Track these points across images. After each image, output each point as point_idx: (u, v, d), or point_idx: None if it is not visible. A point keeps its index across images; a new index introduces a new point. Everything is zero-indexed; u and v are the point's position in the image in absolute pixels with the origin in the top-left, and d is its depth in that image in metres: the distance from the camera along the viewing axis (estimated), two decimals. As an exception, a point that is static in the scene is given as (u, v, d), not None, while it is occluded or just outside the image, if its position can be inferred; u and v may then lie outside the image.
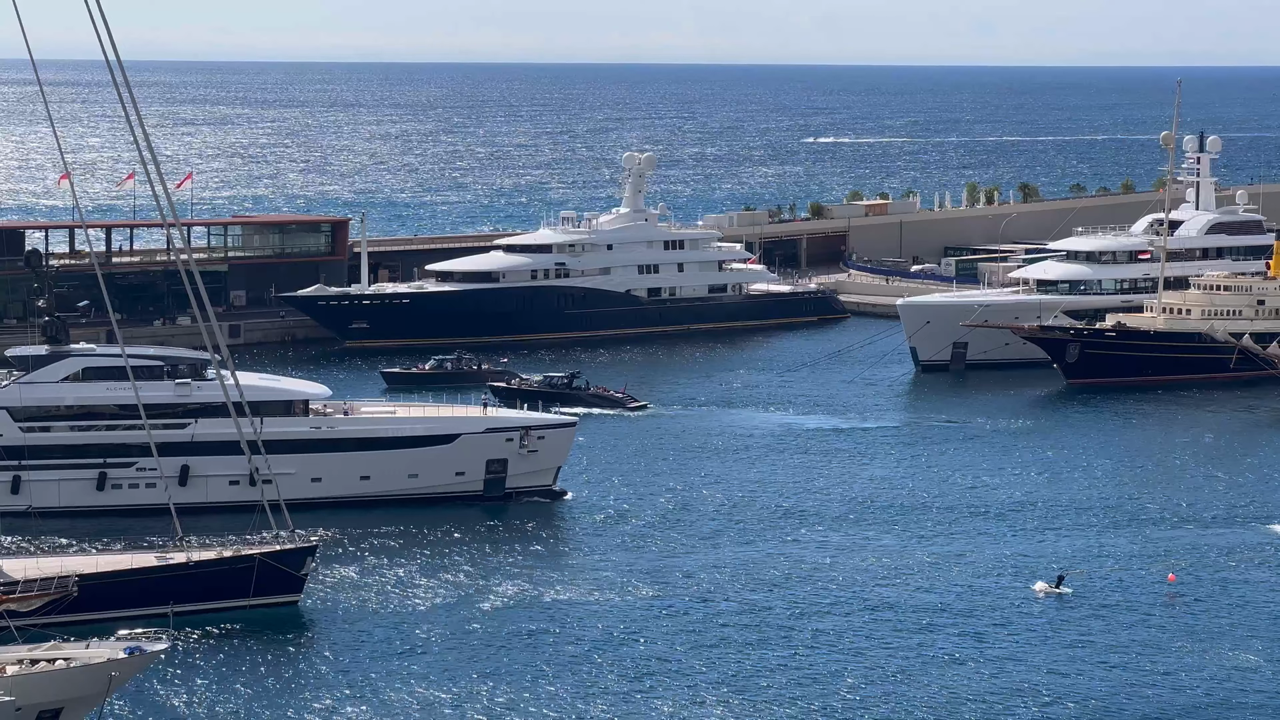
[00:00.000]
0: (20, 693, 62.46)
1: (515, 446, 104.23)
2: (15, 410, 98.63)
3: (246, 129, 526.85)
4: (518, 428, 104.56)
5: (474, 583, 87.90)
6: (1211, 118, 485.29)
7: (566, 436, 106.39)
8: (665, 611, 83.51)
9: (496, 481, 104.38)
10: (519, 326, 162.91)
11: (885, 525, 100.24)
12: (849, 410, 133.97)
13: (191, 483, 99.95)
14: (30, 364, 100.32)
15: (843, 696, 72.85)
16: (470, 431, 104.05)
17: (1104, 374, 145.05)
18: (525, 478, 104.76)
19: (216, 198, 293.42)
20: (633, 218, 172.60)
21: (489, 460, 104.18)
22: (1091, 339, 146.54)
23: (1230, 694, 73.88)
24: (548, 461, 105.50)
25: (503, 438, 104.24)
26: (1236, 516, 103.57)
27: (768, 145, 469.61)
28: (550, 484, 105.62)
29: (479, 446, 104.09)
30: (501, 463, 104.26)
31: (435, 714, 70.92)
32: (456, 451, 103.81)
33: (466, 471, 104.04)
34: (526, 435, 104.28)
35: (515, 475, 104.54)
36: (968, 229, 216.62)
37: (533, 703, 71.91)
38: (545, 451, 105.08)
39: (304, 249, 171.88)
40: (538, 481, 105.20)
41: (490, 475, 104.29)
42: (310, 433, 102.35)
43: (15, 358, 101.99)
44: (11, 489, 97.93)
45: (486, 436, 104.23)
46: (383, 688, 73.51)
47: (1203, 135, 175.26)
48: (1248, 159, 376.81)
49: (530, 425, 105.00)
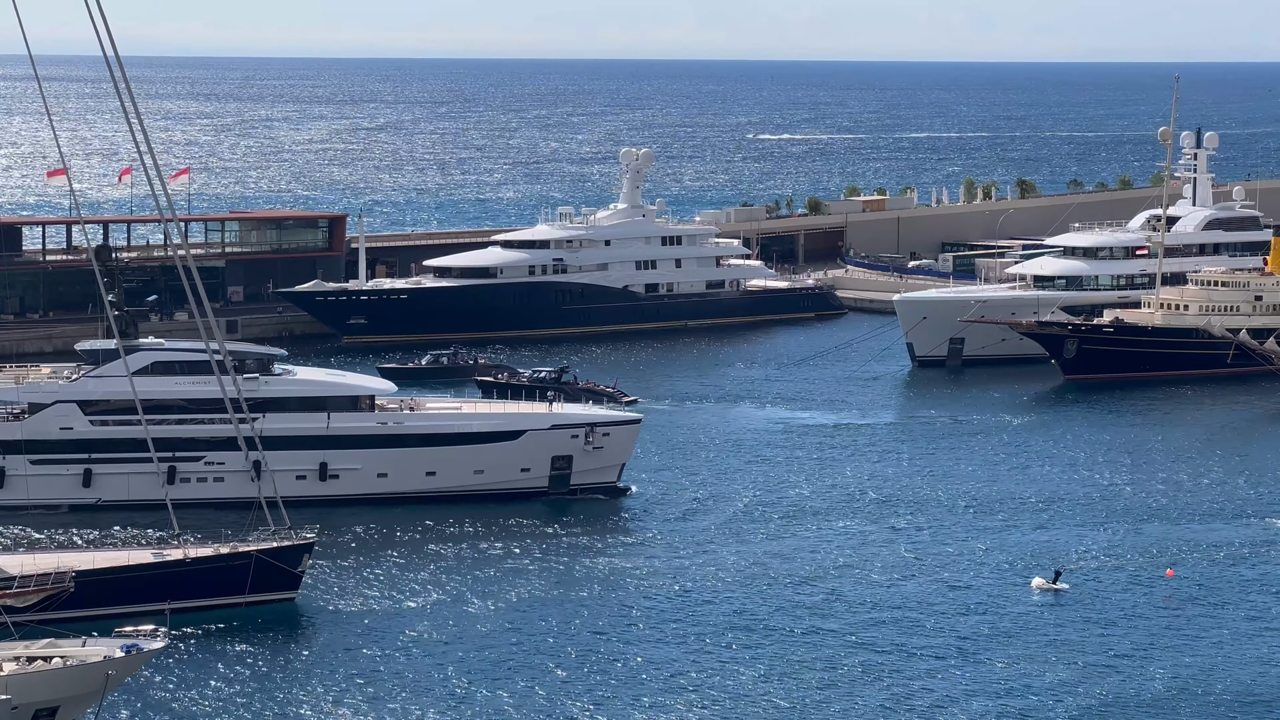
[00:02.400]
0: (17, 691, 62.39)
1: (580, 443, 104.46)
2: (85, 404, 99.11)
3: (244, 125, 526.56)
4: (583, 424, 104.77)
5: (473, 581, 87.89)
6: (1209, 114, 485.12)
7: (631, 433, 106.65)
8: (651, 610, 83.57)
9: (561, 478, 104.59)
10: (517, 322, 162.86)
11: (882, 521, 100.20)
12: (846, 406, 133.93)
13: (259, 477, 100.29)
14: (100, 358, 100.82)
15: (838, 692, 72.83)
16: (536, 428, 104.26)
17: (1101, 369, 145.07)
18: (590, 474, 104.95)
19: (214, 193, 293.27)
20: (630, 214, 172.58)
21: (554, 456, 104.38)
22: (1089, 334, 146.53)
23: (1229, 689, 73.89)
24: (612, 458, 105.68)
25: (568, 434, 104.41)
26: (1235, 511, 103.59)
27: (766, 143, 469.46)
28: (614, 480, 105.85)
29: (544, 443, 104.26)
30: (566, 459, 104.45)
31: (433, 712, 70.89)
32: (522, 448, 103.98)
33: (532, 468, 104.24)
34: (592, 432, 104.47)
35: (580, 472, 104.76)
36: (965, 225, 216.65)
37: (532, 699, 71.92)
38: (610, 448, 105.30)
39: (301, 244, 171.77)
40: (602, 478, 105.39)
41: (555, 471, 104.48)
42: (377, 428, 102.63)
43: (85, 352, 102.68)
44: (83, 482, 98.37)
45: (552, 433, 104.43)
46: (380, 685, 73.47)
47: (1200, 131, 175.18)
48: (1245, 155, 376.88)
49: (596, 422, 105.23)
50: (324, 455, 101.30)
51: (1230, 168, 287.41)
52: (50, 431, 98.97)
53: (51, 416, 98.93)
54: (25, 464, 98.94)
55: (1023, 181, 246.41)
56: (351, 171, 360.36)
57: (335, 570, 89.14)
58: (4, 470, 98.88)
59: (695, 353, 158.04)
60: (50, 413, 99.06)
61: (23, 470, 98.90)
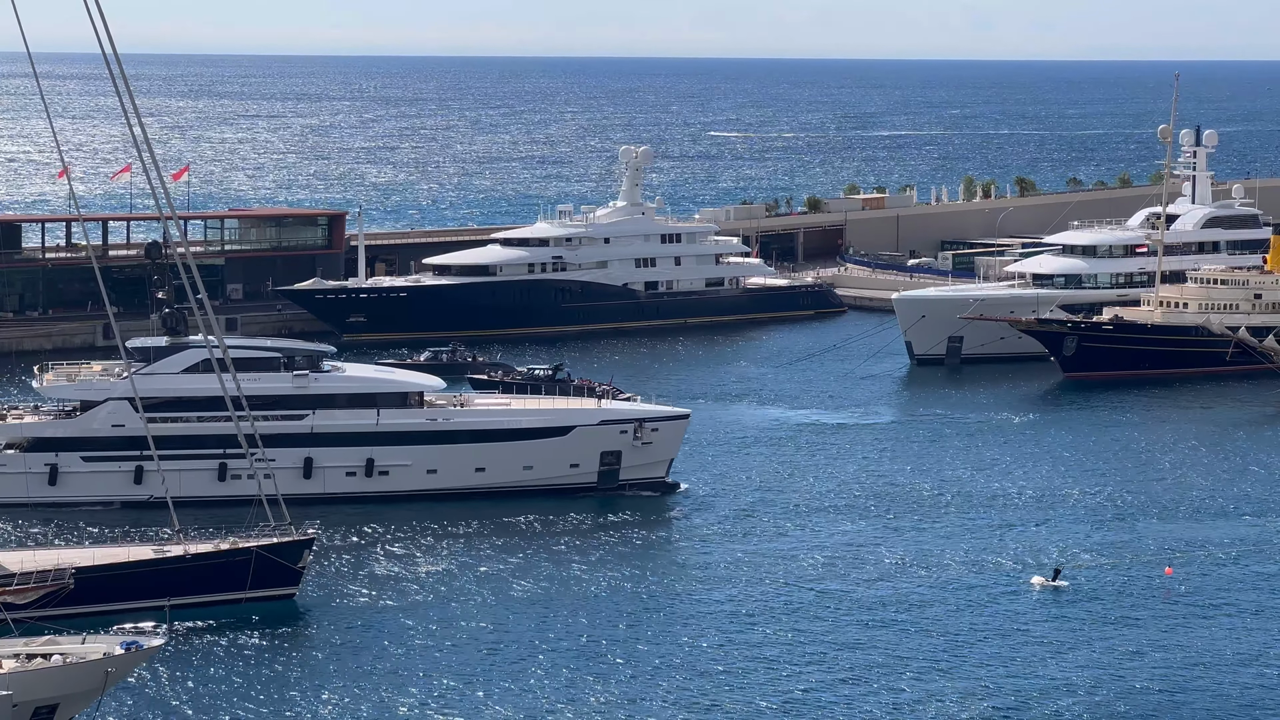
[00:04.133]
0: (17, 689, 62.38)
1: (629, 438, 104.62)
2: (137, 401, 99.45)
3: (243, 122, 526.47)
4: (632, 420, 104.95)
5: (475, 578, 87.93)
6: (1208, 112, 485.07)
7: (679, 429, 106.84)
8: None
9: (610, 473, 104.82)
10: (516, 320, 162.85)
11: (880, 519, 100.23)
12: (844, 404, 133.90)
13: (312, 474, 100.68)
14: (151, 355, 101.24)
15: (834, 688, 72.85)
16: (585, 424, 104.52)
17: (1101, 367, 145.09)
18: (638, 470, 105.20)
19: (213, 191, 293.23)
20: (629, 211, 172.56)
21: (603, 452, 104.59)
22: (1089, 332, 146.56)
23: (1229, 687, 73.91)
24: (660, 454, 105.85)
25: (617, 429, 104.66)
26: (1234, 509, 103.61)
27: (764, 140, 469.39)
28: (663, 476, 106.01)
29: (594, 438, 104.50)
30: (615, 455, 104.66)
31: (432, 709, 70.90)
32: (571, 443, 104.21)
33: (581, 463, 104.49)
34: (640, 427, 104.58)
35: (629, 467, 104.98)
36: (964, 223, 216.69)
37: (529, 696, 71.95)
38: (659, 444, 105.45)
39: (301, 242, 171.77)
40: (650, 474, 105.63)
41: (604, 467, 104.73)
42: (426, 425, 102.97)
43: (136, 349, 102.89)
44: (134, 479, 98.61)
45: (601, 429, 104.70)
46: (379, 682, 73.44)
47: (1199, 129, 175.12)
48: (1245, 154, 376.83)
49: (644, 418, 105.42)
50: (373, 451, 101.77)
51: (1229, 166, 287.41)
52: (102, 429, 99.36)
53: (103, 414, 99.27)
54: (77, 461, 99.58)
55: (1022, 180, 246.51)
56: (351, 169, 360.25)
57: (335, 567, 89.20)
58: (56, 468, 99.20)
59: (694, 351, 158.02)
60: (102, 410, 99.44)
61: (75, 468, 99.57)
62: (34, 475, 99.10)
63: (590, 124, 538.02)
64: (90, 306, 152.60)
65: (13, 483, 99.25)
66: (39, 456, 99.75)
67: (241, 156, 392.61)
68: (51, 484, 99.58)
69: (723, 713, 70.41)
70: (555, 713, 70.34)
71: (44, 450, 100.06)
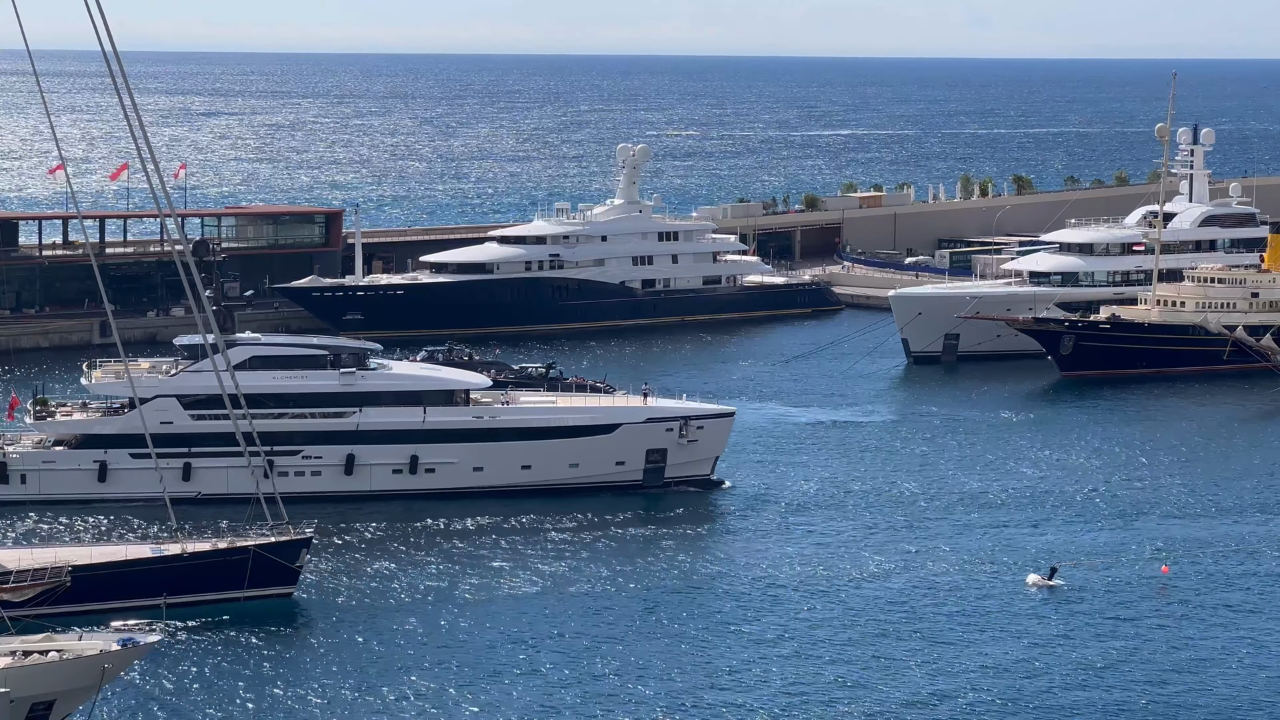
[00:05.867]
0: (13, 685, 62.41)
1: (675, 436, 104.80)
2: (185, 398, 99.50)
3: (241, 120, 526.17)
4: (678, 418, 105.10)
5: (474, 575, 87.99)
6: (1206, 110, 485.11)
7: (725, 426, 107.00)
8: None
9: (656, 471, 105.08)
10: (513, 318, 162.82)
11: (878, 516, 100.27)
12: (841, 402, 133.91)
13: (356, 471, 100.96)
14: (199, 353, 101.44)
15: (830, 685, 72.90)
16: (631, 421, 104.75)
17: (1098, 366, 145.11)
18: (684, 467, 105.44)
19: (211, 189, 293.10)
20: (627, 209, 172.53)
21: (649, 450, 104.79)
22: (1086, 331, 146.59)
23: (1223, 684, 73.98)
24: (706, 451, 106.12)
25: (663, 427, 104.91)
26: (1230, 508, 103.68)
27: (761, 137, 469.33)
28: (708, 474, 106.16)
29: (639, 436, 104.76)
30: (661, 452, 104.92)
31: (430, 707, 70.94)
32: (617, 441, 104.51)
33: (627, 461, 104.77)
34: (686, 425, 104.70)
35: (674, 465, 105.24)
36: (962, 221, 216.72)
37: (528, 694, 72.01)
38: (704, 441, 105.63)
39: (298, 240, 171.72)
40: (696, 471, 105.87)
41: (650, 465, 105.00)
42: (473, 422, 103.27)
43: (184, 346, 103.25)
44: (182, 476, 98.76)
45: (647, 426, 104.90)
46: (376, 681, 73.47)
47: (1197, 128, 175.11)
48: (1242, 152, 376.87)
49: (690, 415, 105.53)
50: (419, 449, 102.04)
51: (1227, 164, 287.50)
52: (150, 425, 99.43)
53: (151, 411, 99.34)
54: (126, 458, 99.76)
55: (1019, 178, 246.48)
56: (348, 167, 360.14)
57: (333, 566, 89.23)
58: (106, 464, 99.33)
59: (692, 349, 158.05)
60: (150, 407, 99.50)
61: (124, 464, 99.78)
62: (84, 472, 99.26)
63: (588, 122, 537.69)
64: (87, 304, 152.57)
65: (63, 479, 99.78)
66: (89, 453, 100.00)
67: (239, 154, 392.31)
68: (101, 480, 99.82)
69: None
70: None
71: (93, 447, 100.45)
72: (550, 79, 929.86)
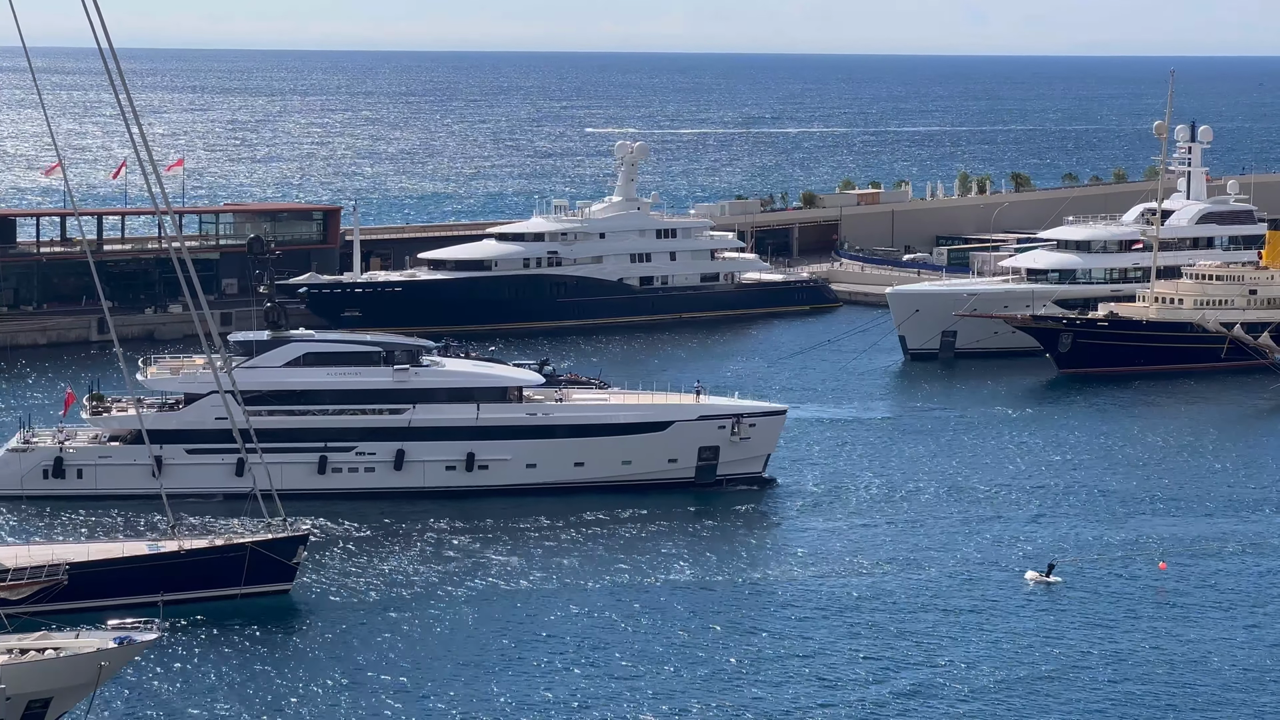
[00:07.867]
0: (10, 682, 62.39)
1: (727, 434, 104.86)
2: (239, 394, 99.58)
3: (239, 117, 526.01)
4: (730, 415, 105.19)
5: (470, 572, 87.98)
6: (1204, 107, 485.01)
7: (776, 424, 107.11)
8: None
9: (708, 468, 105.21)
10: (511, 315, 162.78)
11: (876, 514, 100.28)
12: (838, 399, 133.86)
13: (407, 468, 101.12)
14: (253, 349, 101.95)
15: (828, 684, 72.89)
16: (683, 419, 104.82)
17: (1096, 363, 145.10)
18: (736, 465, 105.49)
19: (208, 185, 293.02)
20: (625, 206, 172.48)
21: (701, 447, 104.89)
22: (1084, 328, 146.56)
23: (1221, 681, 74.00)
24: (758, 449, 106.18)
25: (715, 425, 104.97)
26: (1228, 505, 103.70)
27: (760, 135, 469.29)
28: (760, 471, 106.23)
29: (692, 434, 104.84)
30: (713, 450, 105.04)
31: (428, 705, 70.92)
32: (669, 438, 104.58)
33: (679, 458, 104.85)
34: (738, 423, 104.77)
35: (726, 463, 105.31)
36: (960, 218, 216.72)
37: (525, 694, 72.01)
38: (756, 439, 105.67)
39: (296, 237, 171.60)
40: (748, 469, 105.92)
41: (702, 462, 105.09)
42: (526, 419, 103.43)
43: (238, 343, 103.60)
44: (236, 471, 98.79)
45: (699, 424, 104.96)
46: (372, 677, 73.48)
47: (1195, 125, 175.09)
48: (1240, 149, 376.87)
49: (742, 413, 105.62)
50: (473, 446, 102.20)
51: (1225, 161, 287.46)
52: (205, 421, 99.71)
53: (206, 407, 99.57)
54: (181, 453, 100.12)
55: (1017, 175, 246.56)
56: (346, 164, 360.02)
57: (331, 562, 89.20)
58: (161, 460, 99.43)
59: (690, 346, 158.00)
60: (205, 403, 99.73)
61: (179, 460, 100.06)
62: (139, 467, 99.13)
63: (587, 119, 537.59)
64: (85, 301, 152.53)
65: (119, 474, 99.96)
66: (144, 449, 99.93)
67: (236, 151, 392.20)
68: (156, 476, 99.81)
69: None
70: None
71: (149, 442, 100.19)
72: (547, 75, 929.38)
